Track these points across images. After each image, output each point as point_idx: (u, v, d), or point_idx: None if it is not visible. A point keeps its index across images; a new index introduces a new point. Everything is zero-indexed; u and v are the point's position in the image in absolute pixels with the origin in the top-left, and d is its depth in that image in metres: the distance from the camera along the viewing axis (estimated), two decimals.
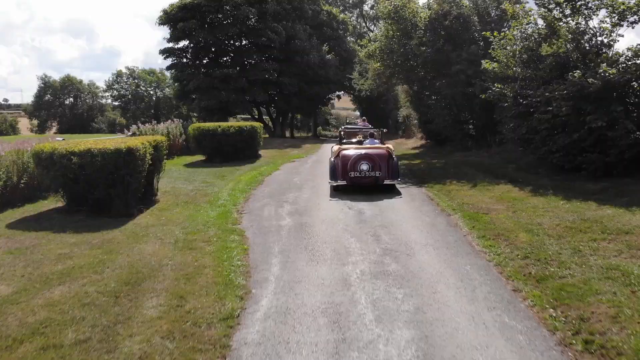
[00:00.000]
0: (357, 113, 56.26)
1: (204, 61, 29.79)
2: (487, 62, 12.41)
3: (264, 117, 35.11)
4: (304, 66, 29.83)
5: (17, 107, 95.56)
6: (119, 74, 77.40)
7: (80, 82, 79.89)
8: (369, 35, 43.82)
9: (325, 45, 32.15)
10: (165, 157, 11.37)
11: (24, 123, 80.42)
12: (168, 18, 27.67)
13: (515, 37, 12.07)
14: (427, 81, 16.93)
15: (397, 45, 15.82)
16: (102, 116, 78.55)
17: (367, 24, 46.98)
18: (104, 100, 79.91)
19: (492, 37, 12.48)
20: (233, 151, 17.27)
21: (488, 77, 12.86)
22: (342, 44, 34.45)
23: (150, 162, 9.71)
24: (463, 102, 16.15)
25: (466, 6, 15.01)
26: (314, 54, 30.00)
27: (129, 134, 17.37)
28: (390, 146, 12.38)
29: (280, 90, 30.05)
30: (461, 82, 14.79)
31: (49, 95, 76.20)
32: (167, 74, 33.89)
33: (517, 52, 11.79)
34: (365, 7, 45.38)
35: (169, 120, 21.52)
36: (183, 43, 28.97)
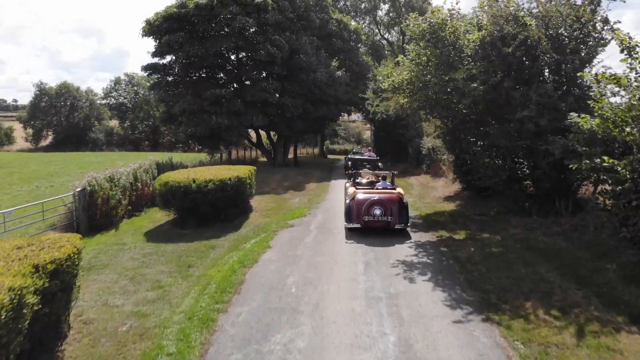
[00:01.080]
0: (368, 126, 52.04)
1: (194, 77, 25.70)
2: (582, 118, 8.16)
3: (265, 132, 30.95)
4: (309, 85, 25.67)
5: (24, 109, 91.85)
6: (117, 81, 73.86)
7: (77, 89, 76.37)
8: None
9: (335, 60, 27.93)
10: (76, 271, 7.28)
11: (20, 131, 77.20)
12: (151, 29, 23.67)
13: (629, 81, 7.81)
14: (473, 122, 12.68)
15: (433, 76, 11.59)
16: (99, 125, 74.91)
17: (381, 32, 42.75)
18: (101, 104, 76.13)
19: (592, 81, 8.23)
20: (212, 211, 13.20)
21: (579, 138, 8.59)
22: (354, 56, 30.21)
23: (40, 306, 5.70)
24: (524, 156, 11.91)
25: (534, 26, 10.71)
26: (322, 71, 25.84)
27: (79, 189, 13.31)
28: (401, 191, 13.17)
29: (282, 113, 25.92)
30: (527, 133, 10.54)
31: (44, 103, 72.70)
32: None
33: (636, 106, 7.55)
34: (380, 13, 41.14)
35: (138, 162, 17.47)
36: (170, 58, 24.93)
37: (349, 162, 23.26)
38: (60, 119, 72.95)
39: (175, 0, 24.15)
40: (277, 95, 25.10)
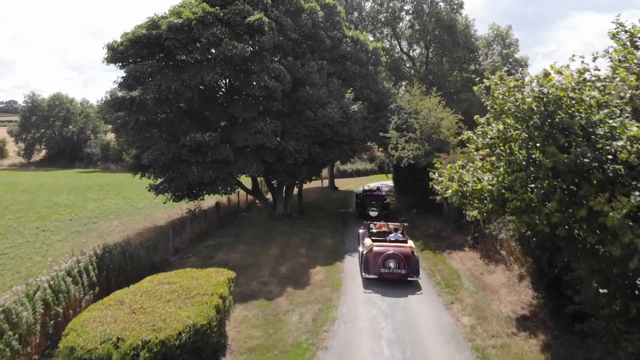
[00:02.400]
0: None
1: (170, 115, 20.36)
2: None
3: (263, 178, 25.57)
4: (317, 124, 20.28)
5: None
6: (113, 93, 68.89)
7: (72, 100, 71.84)
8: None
9: (349, 91, 22.45)
10: None
11: (13, 144, 72.86)
12: (115, 57, 18.45)
13: None
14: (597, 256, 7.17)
15: (549, 192, 6.14)
16: (95, 138, 70.28)
17: (402, 45, 37.18)
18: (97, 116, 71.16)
19: None
20: None
21: None
22: (372, 83, 24.68)
23: None
24: None
25: None
26: (333, 106, 20.43)
27: None
28: (412, 244, 14.55)
29: (283, 158, 20.56)
30: None
31: (35, 116, 68.19)
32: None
33: None
34: (401, 24, 35.47)
35: (74, 257, 12.21)
36: (140, 91, 19.57)
37: (358, 201, 25.19)
38: (53, 132, 68.55)
39: (147, 17, 18.97)
40: (277, 137, 19.77)
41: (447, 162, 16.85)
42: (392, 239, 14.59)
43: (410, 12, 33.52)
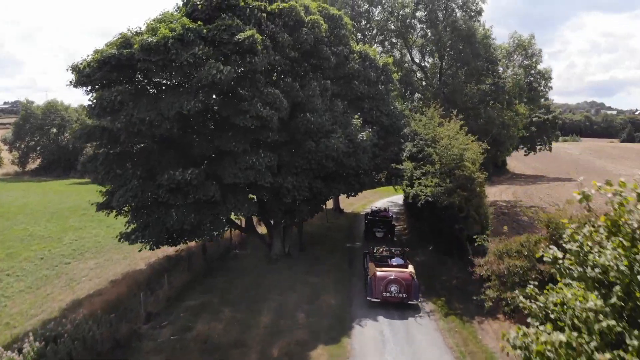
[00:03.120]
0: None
1: (147, 146, 17.48)
2: None
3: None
4: (319, 156, 17.37)
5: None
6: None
7: (67, 108, 69.37)
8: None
9: (357, 117, 19.47)
10: None
11: (8, 152, 70.49)
12: (80, 80, 15.57)
13: None
14: None
15: None
16: (91, 146, 67.56)
17: (413, 54, 34.13)
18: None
19: None
20: None
21: None
22: (382, 104, 21.65)
23: None
24: None
25: None
26: (338, 135, 17.51)
27: None
28: (412, 269, 15.60)
29: (279, 196, 17.66)
30: None
31: (29, 125, 65.75)
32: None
33: None
34: (414, 33, 32.38)
35: None
36: (115, 119, 16.72)
37: (366, 222, 25.97)
38: (48, 140, 66.08)
39: (119, 34, 16.10)
40: (273, 172, 16.88)
41: (497, 247, 13.84)
42: (394, 264, 15.85)
43: (424, 20, 30.49)
